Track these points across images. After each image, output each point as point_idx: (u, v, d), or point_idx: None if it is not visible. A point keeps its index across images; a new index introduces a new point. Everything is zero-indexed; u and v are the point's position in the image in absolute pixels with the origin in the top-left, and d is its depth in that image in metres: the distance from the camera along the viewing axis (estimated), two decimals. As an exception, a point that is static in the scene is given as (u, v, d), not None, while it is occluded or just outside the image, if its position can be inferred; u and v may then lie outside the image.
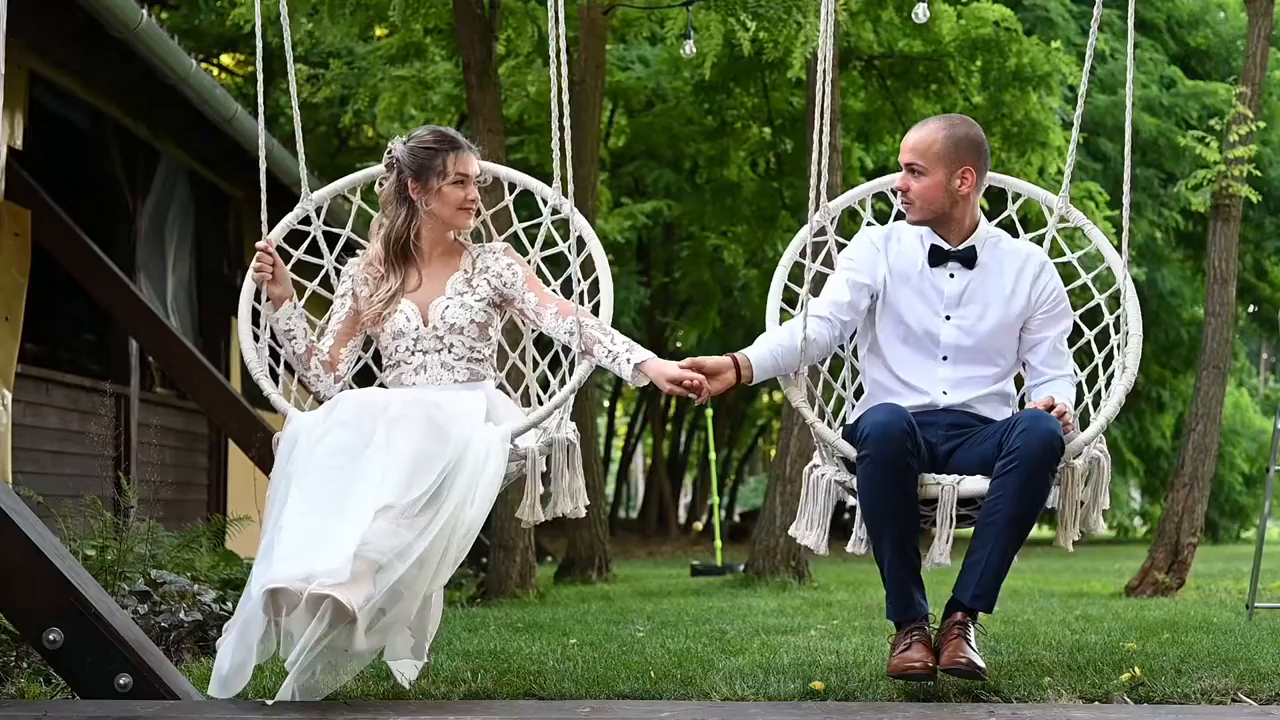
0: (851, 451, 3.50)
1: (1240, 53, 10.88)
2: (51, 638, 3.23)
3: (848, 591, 7.62)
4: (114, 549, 4.57)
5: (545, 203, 3.92)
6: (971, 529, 3.54)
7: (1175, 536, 7.51)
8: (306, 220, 3.96)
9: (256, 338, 3.76)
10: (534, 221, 3.98)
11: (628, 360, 3.57)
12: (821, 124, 3.53)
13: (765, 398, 24.81)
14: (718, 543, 12.02)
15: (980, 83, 11.58)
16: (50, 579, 3.26)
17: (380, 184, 3.82)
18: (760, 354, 3.59)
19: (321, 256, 4.00)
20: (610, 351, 3.61)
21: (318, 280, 4.01)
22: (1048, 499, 3.47)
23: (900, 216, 3.84)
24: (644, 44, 13.53)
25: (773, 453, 13.11)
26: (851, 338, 3.92)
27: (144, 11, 6.87)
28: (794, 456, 8.71)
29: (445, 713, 3.14)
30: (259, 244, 3.72)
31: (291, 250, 3.96)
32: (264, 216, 3.76)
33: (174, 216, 9.28)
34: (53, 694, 3.51)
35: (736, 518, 23.57)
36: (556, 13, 3.54)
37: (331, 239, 4.02)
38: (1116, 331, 3.70)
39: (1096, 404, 3.80)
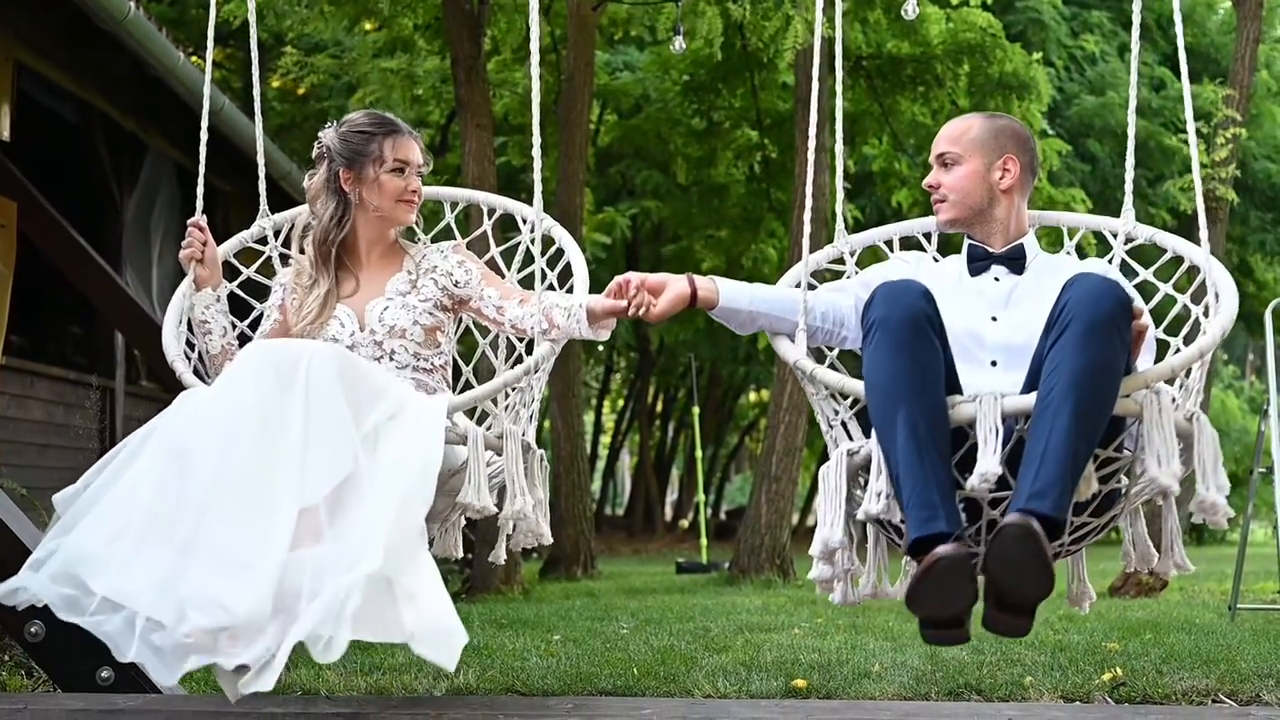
0: (857, 387, 2.75)
1: (1228, 52, 10.92)
2: (33, 630, 3.22)
3: (832, 590, 7.63)
4: (97, 542, 4.54)
5: (525, 221, 3.48)
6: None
7: (1159, 537, 7.50)
8: (263, 240, 3.61)
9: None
10: (513, 242, 3.58)
11: (579, 306, 3.14)
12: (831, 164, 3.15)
13: (752, 395, 24.85)
14: (703, 540, 12.04)
15: (967, 86, 11.62)
16: (32, 571, 3.24)
17: (309, 178, 3.40)
18: (734, 284, 3.06)
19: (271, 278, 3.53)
20: (567, 309, 3.15)
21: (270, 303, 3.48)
22: (1122, 368, 2.60)
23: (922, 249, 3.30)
24: (631, 50, 13.54)
25: (759, 450, 13.12)
26: None
27: (131, 3, 6.85)
28: (780, 454, 8.73)
29: (427, 708, 3.13)
30: (191, 220, 3.40)
31: (242, 268, 3.60)
32: (199, 190, 3.46)
33: (160, 209, 9.24)
34: (34, 687, 3.50)
35: (722, 515, 23.60)
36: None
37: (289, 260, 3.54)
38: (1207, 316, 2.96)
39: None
